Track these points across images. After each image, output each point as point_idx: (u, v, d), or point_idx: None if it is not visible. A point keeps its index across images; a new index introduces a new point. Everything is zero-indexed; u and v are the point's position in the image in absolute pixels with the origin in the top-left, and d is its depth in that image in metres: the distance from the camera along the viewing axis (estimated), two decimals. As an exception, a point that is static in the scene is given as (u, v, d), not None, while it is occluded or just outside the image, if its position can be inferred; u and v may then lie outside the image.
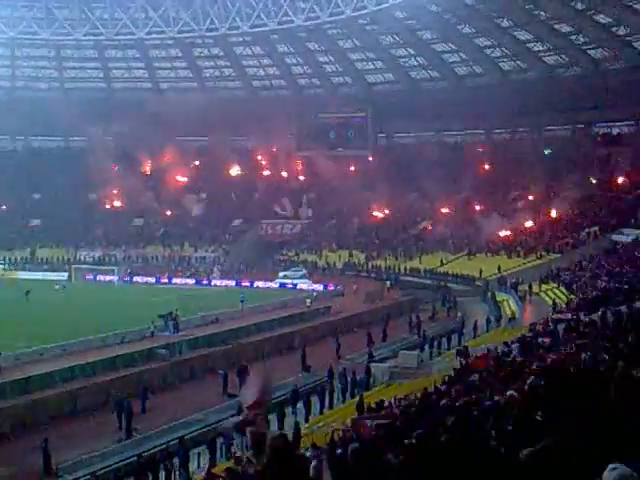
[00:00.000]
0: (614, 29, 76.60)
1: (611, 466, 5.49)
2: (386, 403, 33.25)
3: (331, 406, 39.54)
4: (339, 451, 18.01)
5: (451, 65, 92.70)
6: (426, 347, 48.26)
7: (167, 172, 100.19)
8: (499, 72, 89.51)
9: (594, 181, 77.34)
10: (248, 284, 75.69)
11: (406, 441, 14.95)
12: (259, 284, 76.09)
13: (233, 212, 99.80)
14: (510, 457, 7.79)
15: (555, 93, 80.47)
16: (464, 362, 34.84)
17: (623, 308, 32.43)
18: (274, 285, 75.91)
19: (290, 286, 74.41)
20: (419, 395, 28.67)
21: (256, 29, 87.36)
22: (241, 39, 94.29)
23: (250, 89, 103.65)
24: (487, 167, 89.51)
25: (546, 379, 16.23)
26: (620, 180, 76.37)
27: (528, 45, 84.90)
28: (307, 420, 36.48)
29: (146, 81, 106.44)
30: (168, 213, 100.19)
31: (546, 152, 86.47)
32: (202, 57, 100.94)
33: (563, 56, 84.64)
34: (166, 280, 79.75)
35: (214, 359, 44.96)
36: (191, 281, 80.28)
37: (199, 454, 29.52)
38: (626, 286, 42.11)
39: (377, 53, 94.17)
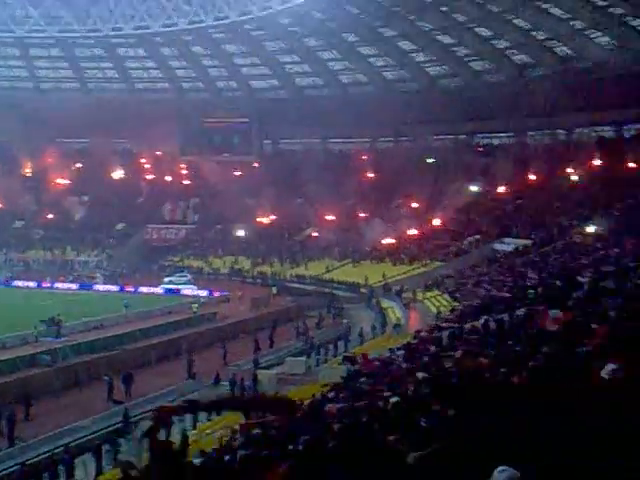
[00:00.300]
0: (494, 42, 78.51)
1: (500, 468, 5.76)
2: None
3: (219, 413, 39.42)
4: (227, 457, 18.13)
5: (336, 73, 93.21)
6: (313, 354, 48.59)
7: (48, 174, 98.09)
8: (383, 81, 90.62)
9: (476, 190, 78.98)
10: (132, 289, 74.51)
11: (291, 447, 15.15)
12: (143, 289, 74.89)
13: (116, 216, 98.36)
14: (398, 462, 8.02)
15: (438, 103, 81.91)
16: (352, 368, 35.29)
17: (505, 316, 33.24)
18: (159, 290, 75.08)
19: (175, 292, 73.75)
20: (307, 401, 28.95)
21: (140, 31, 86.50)
22: (124, 40, 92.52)
23: (133, 91, 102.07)
24: (372, 175, 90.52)
25: (431, 386, 16.66)
26: (501, 190, 78.29)
27: (411, 55, 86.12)
28: (195, 427, 36.35)
29: (26, 80, 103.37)
30: (49, 216, 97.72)
31: (429, 161, 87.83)
32: (84, 58, 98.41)
33: (445, 67, 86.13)
34: (48, 285, 78.00)
35: (98, 365, 43.96)
36: (74, 286, 78.57)
37: (84, 461, 29.16)
38: (507, 294, 43.20)
39: (262, 59, 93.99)
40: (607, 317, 16.78)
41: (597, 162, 72.42)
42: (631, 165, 68.66)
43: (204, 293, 71.94)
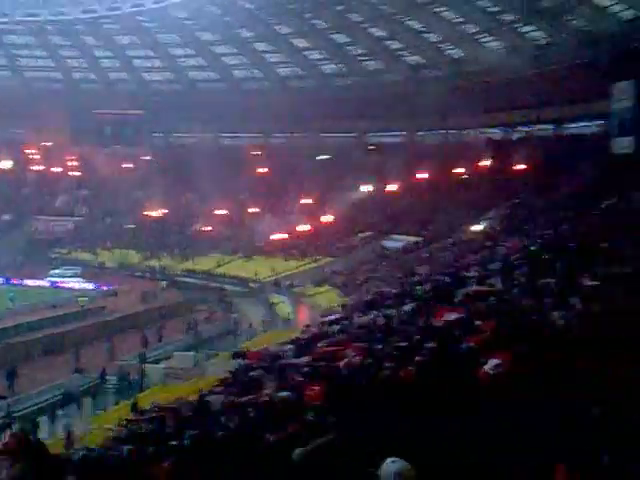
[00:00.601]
0: (388, 42, 79.38)
1: (389, 460, 5.77)
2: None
3: (105, 408, 39.00)
4: (112, 452, 17.92)
5: (230, 68, 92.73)
6: (202, 348, 48.39)
7: None
8: (277, 77, 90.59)
9: (367, 188, 79.69)
10: (18, 282, 72.57)
11: (174, 443, 15.02)
12: (29, 282, 73.04)
13: (2, 207, 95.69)
14: (285, 455, 8.01)
15: (332, 101, 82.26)
16: (241, 362, 35.21)
17: (392, 312, 33.63)
18: (45, 284, 73.44)
19: (62, 285, 72.27)
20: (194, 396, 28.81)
21: (29, 18, 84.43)
22: (12, 27, 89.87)
23: (22, 80, 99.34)
24: (264, 170, 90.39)
25: (320, 381, 16.73)
26: (391, 188, 79.20)
27: (306, 53, 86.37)
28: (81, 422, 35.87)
29: None
30: None
31: (322, 158, 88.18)
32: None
33: (341, 65, 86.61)
34: None
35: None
36: (-44, 279, 76.12)
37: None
38: (395, 290, 43.72)
39: (156, 51, 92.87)
40: (493, 313, 17.13)
41: (486, 162, 73.99)
42: (518, 166, 70.37)
43: (91, 286, 70.70)
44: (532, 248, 38.10)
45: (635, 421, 6.63)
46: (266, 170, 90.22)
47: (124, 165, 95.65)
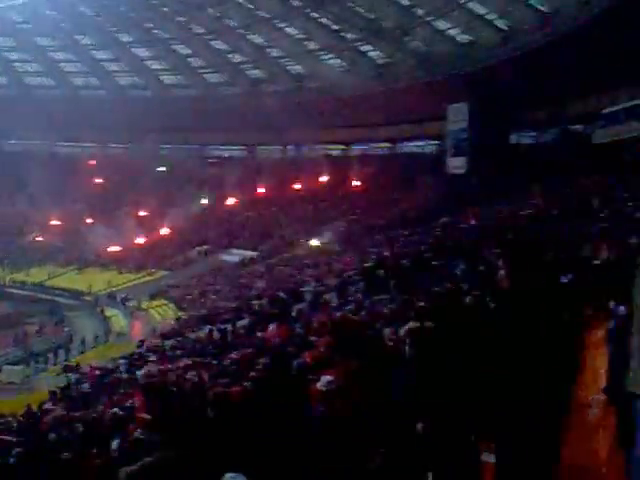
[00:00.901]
0: (230, 56, 79.40)
1: (229, 475, 5.73)
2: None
3: None
4: None
5: (68, 75, 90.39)
6: (32, 362, 46.89)
7: None
8: (116, 86, 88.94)
9: (206, 201, 79.38)
10: None
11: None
12: None
13: None
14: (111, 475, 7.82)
15: (172, 112, 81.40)
16: (72, 377, 34.36)
17: (228, 326, 33.50)
18: None
19: None
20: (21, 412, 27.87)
21: None
22: None
23: None
24: (100, 181, 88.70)
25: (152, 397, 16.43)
26: (230, 202, 79.21)
27: (147, 62, 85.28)
28: None
29: None
30: None
31: (160, 169, 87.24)
32: None
33: (180, 77, 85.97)
34: None
35: None
36: None
37: None
38: (232, 304, 43.62)
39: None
40: (328, 330, 17.19)
41: (324, 179, 75.02)
42: (355, 183, 71.68)
43: None
44: (367, 264, 38.64)
45: (457, 436, 6.76)
46: (102, 181, 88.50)
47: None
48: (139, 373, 23.86)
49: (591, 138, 53.08)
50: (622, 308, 10.40)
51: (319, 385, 8.97)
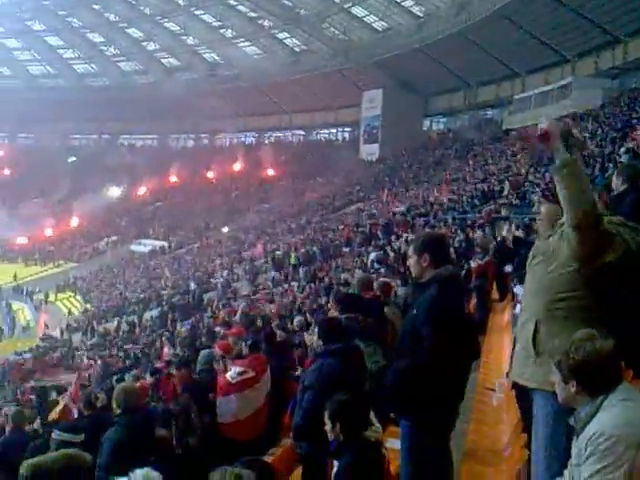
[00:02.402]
0: (145, 44, 78.30)
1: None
2: None
3: None
4: None
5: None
6: None
7: None
8: (27, 76, 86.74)
9: (117, 191, 78.14)
10: None
11: None
12: None
13: None
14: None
15: (83, 101, 79.69)
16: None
17: (134, 318, 32.98)
18: None
19: None
20: None
21: None
22: None
23: None
24: (8, 171, 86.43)
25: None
26: (141, 191, 78.07)
27: (59, 51, 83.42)
28: None
29: None
30: None
31: (70, 159, 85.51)
32: None
33: (93, 65, 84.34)
34: None
35: None
36: None
37: None
38: (142, 295, 42.94)
39: None
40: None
41: (237, 167, 74.53)
42: (269, 171, 71.31)
43: None
44: (278, 252, 38.35)
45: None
46: (10, 170, 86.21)
47: None
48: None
49: (502, 123, 53.85)
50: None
51: (228, 375, 8.57)
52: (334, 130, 76.16)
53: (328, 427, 5.56)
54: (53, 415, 15.11)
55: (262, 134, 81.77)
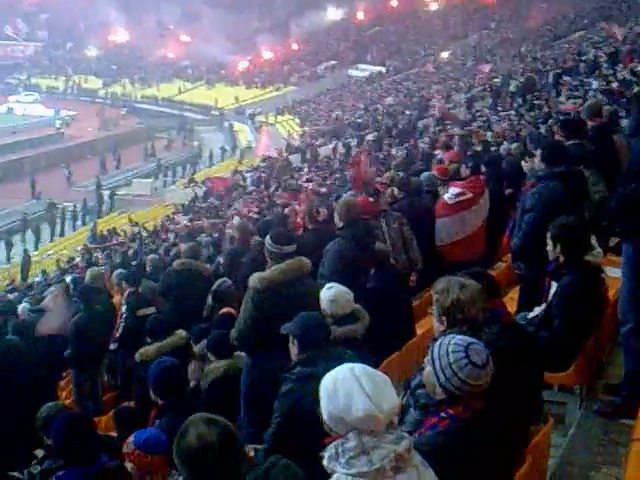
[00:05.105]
0: None
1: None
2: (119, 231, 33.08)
3: (62, 234, 38.98)
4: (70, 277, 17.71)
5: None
6: (160, 175, 47.99)
7: None
8: None
9: (335, 16, 78.02)
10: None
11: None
12: (-16, 108, 70.90)
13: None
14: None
15: None
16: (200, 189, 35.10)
17: (353, 141, 33.45)
18: (2, 109, 71.36)
19: (21, 111, 70.38)
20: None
21: None
22: None
23: None
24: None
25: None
26: (360, 16, 77.63)
27: None
28: (37, 248, 35.87)
29: None
30: None
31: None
32: None
33: None
34: None
35: None
36: None
37: None
38: (359, 120, 43.29)
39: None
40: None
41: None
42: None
43: (51, 112, 68.96)
44: (496, 80, 37.49)
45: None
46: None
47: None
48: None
49: None
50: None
51: (446, 197, 8.73)
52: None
53: (549, 247, 5.64)
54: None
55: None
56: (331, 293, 5.56)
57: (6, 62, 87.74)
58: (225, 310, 7.37)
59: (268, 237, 5.97)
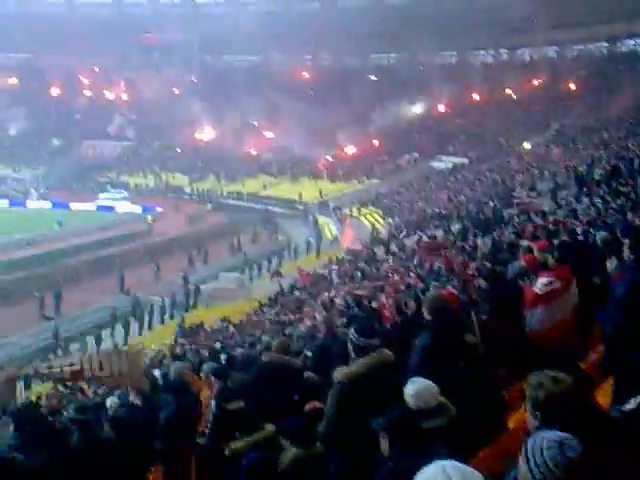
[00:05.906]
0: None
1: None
2: (206, 325, 33.43)
3: (150, 327, 39.51)
4: (158, 372, 17.87)
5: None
6: (246, 269, 48.50)
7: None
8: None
9: (418, 108, 78.83)
10: (66, 206, 72.77)
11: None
12: (78, 205, 73.15)
13: (52, 131, 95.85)
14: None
15: (382, 19, 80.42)
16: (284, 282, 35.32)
17: (439, 232, 33.38)
18: (92, 207, 73.54)
19: (109, 208, 72.42)
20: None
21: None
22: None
23: (72, 7, 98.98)
24: (312, 92, 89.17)
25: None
26: (441, 109, 78.26)
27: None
28: (126, 342, 36.32)
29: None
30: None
31: (371, 78, 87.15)
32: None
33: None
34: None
35: (30, 282, 43.15)
36: (5, 202, 76.40)
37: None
38: (443, 211, 43.34)
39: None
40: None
41: (537, 82, 73.02)
42: (570, 85, 69.19)
43: (139, 209, 70.78)
44: (580, 169, 37.16)
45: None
46: (312, 93, 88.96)
47: (172, 89, 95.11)
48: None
49: None
50: None
51: (535, 287, 8.67)
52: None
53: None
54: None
55: (563, 47, 78.95)
56: (414, 387, 5.60)
57: (97, 161, 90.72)
58: (311, 405, 7.38)
59: (352, 330, 5.98)
